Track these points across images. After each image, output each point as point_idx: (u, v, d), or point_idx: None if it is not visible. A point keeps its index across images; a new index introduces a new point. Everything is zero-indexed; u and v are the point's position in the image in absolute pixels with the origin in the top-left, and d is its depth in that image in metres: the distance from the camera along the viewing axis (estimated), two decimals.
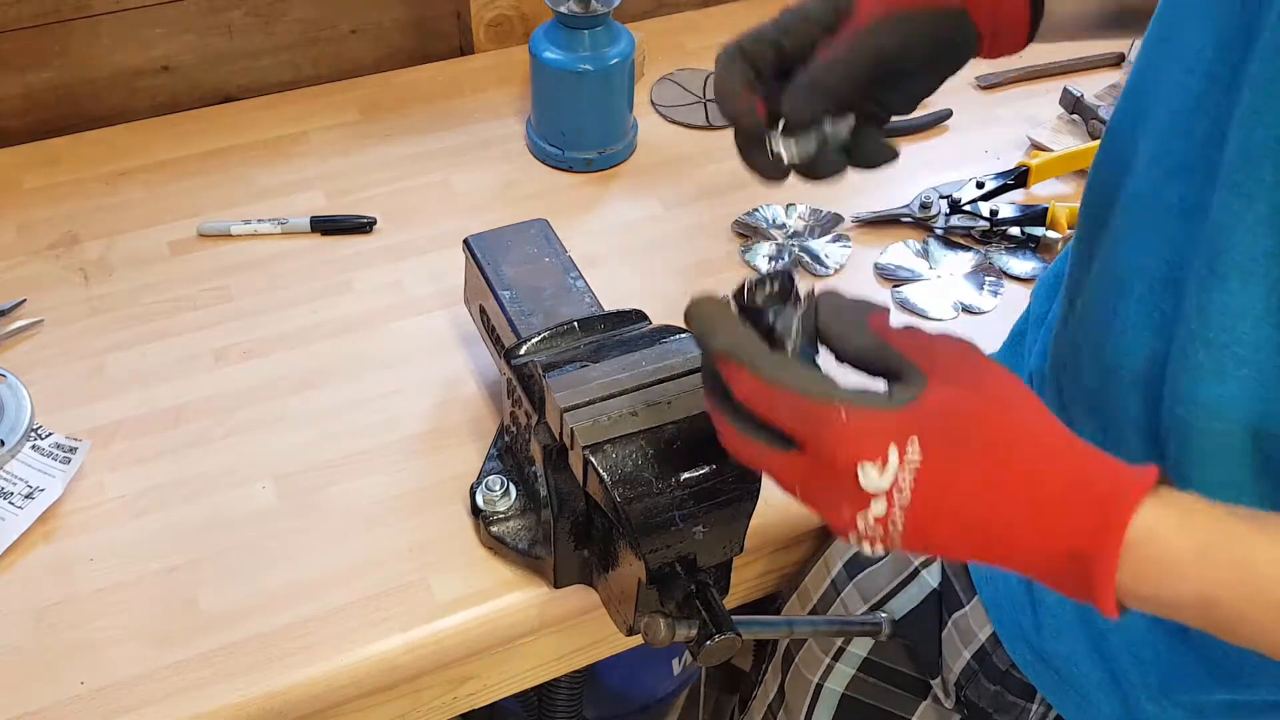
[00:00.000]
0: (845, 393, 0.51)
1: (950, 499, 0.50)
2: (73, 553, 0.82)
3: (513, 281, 0.86)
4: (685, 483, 0.67)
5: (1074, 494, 0.49)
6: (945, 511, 0.50)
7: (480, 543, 0.83)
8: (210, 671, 0.76)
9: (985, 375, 0.52)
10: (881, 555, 0.55)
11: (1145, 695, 0.70)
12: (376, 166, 1.16)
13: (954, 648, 0.82)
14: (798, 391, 0.52)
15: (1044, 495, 0.49)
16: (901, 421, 0.50)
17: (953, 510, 0.50)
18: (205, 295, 1.02)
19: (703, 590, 0.68)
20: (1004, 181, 1.13)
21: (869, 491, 0.50)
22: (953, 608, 0.82)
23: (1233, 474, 0.58)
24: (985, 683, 0.81)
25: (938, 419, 0.50)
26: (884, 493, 0.50)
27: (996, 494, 0.50)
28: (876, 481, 0.50)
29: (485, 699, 0.89)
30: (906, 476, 0.49)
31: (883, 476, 0.50)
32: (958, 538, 0.51)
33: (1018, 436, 0.50)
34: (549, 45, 1.11)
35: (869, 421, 0.50)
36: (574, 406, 0.70)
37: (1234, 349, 0.55)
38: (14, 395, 0.91)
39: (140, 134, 1.19)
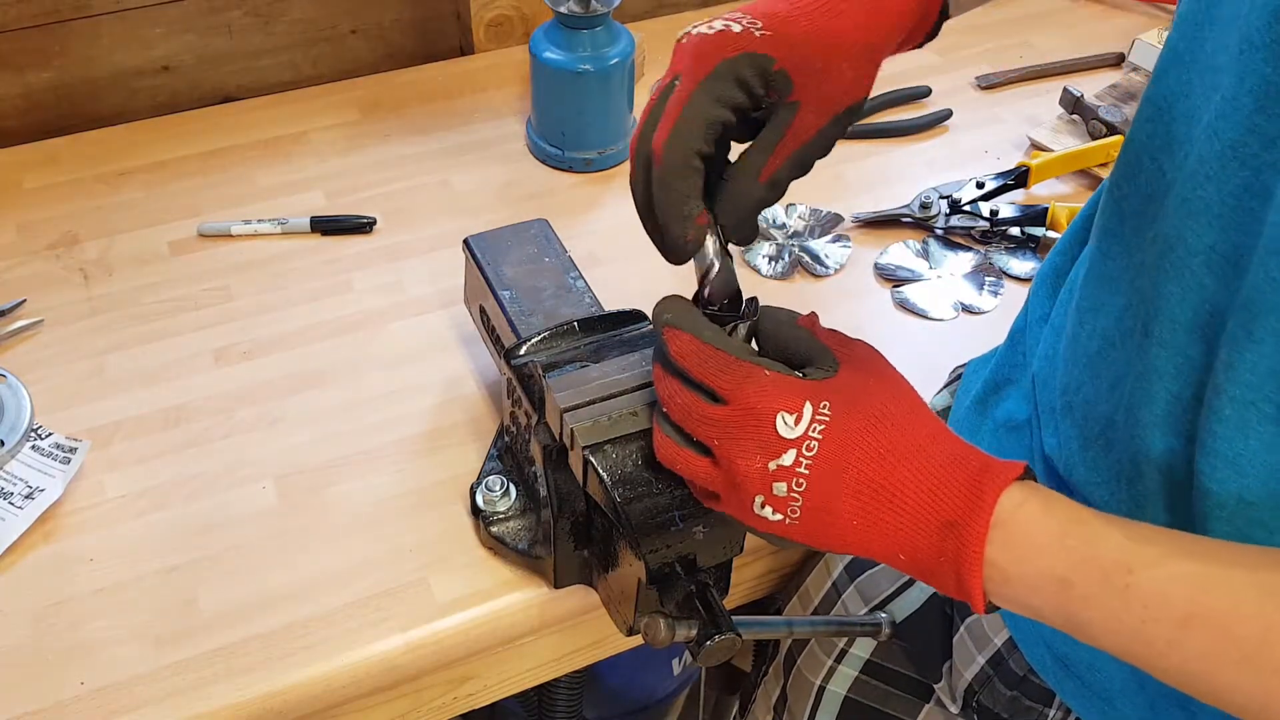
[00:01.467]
0: (769, 363, 0.59)
1: (851, 457, 0.56)
2: (73, 553, 0.82)
3: (513, 281, 0.86)
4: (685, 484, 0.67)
5: (953, 467, 0.55)
6: (846, 469, 0.56)
7: (480, 543, 0.83)
8: (210, 671, 0.76)
9: (887, 370, 0.60)
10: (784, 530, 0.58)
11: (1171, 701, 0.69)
12: (376, 166, 1.16)
13: (966, 653, 0.82)
14: (729, 352, 0.58)
15: (929, 466, 0.55)
16: (816, 387, 0.57)
17: (853, 470, 0.56)
18: (205, 295, 1.02)
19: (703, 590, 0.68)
20: (1004, 181, 1.13)
21: (784, 438, 0.56)
22: (965, 612, 0.82)
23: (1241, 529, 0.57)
24: (1001, 688, 0.80)
25: (846, 392, 0.57)
26: (795, 442, 0.56)
27: (889, 460, 0.56)
28: (791, 430, 0.56)
29: (485, 699, 0.89)
30: (816, 430, 0.56)
31: (797, 426, 0.56)
32: (853, 501, 0.56)
33: (911, 418, 0.57)
34: (549, 45, 1.11)
35: (788, 383, 0.57)
36: (574, 406, 0.70)
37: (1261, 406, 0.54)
38: (14, 395, 0.91)
39: (140, 134, 1.19)
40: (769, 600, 1.02)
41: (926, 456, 0.56)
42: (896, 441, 0.56)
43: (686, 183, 0.59)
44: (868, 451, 0.56)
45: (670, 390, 0.61)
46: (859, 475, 0.56)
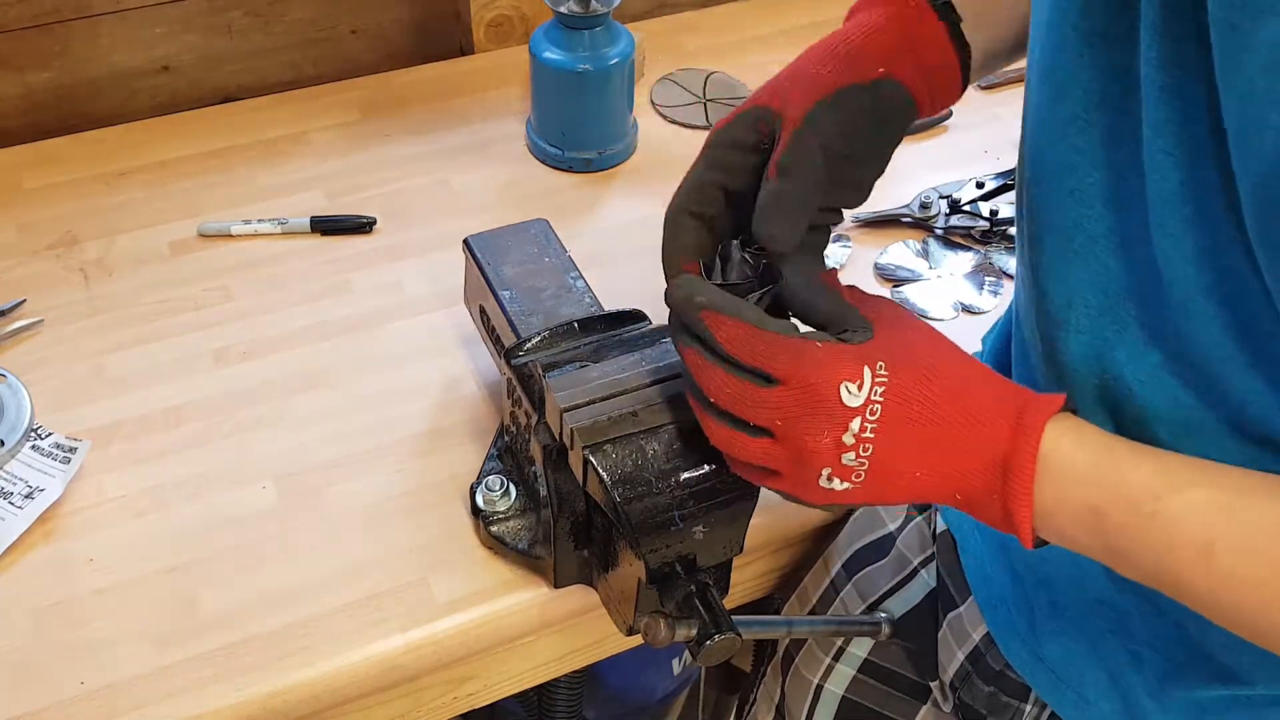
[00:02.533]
0: (816, 333, 0.60)
1: (911, 412, 0.57)
2: (72, 553, 0.82)
3: (513, 281, 0.86)
4: (685, 483, 0.67)
5: (998, 406, 0.57)
6: (909, 425, 0.57)
7: (480, 543, 0.83)
8: (210, 671, 0.76)
9: (916, 322, 0.62)
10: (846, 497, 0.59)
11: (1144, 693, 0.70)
12: (376, 166, 1.16)
13: (949, 648, 0.82)
14: (778, 332, 0.58)
15: (976, 408, 0.57)
16: (868, 350, 0.58)
17: (914, 425, 0.57)
18: (205, 295, 1.02)
19: (703, 590, 0.68)
20: (1004, 181, 1.13)
21: (849, 407, 0.56)
22: (948, 607, 0.83)
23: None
24: (979, 684, 0.81)
25: (893, 348, 0.58)
26: (859, 409, 0.56)
27: (943, 408, 0.57)
28: (855, 397, 0.57)
29: (485, 699, 0.89)
30: (878, 393, 0.57)
31: (860, 392, 0.57)
32: (916, 455, 0.57)
33: (950, 365, 0.59)
34: (549, 45, 1.11)
35: (842, 351, 0.58)
36: (574, 406, 0.70)
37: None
38: (14, 395, 0.91)
39: (140, 134, 1.19)
40: (769, 600, 1.03)
41: (972, 398, 0.57)
42: (946, 388, 0.57)
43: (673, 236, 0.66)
44: (924, 403, 0.57)
45: (717, 381, 0.60)
46: (920, 429, 0.57)
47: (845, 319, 0.61)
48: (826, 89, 0.64)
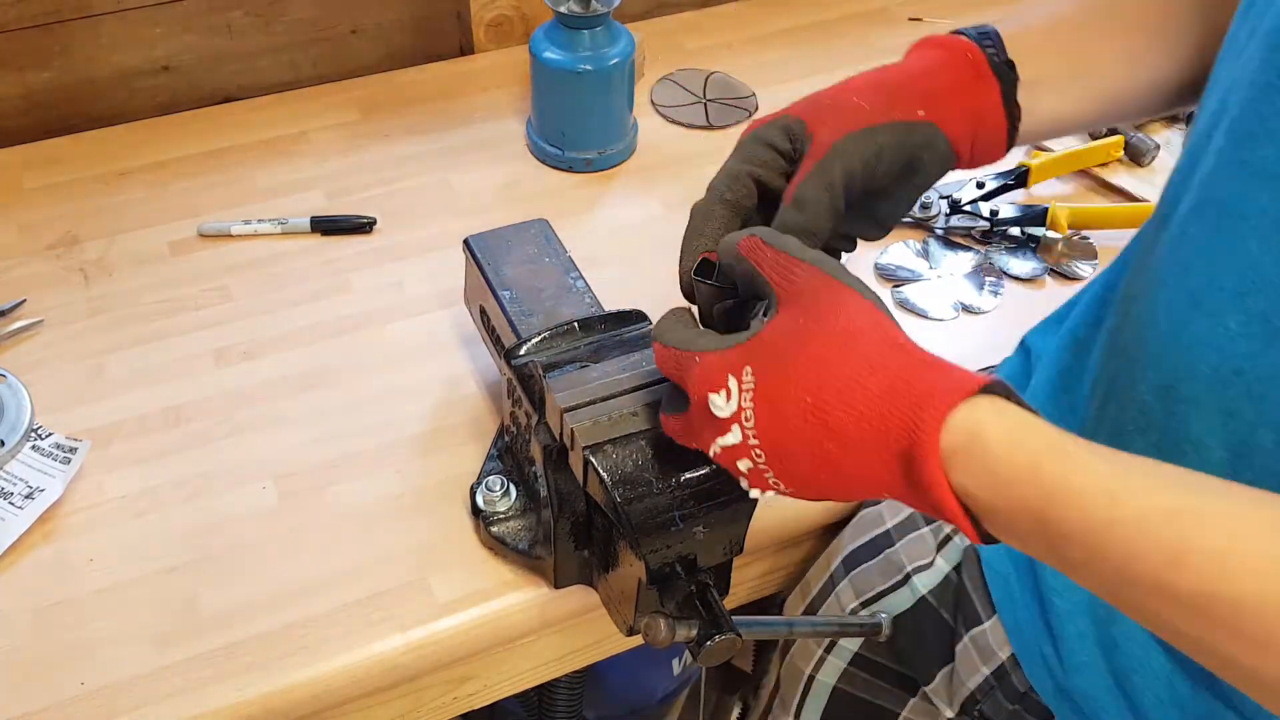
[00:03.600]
0: (708, 342, 0.59)
1: (787, 412, 0.54)
2: (72, 553, 0.82)
3: (513, 281, 0.86)
4: (685, 483, 0.67)
5: (891, 397, 0.51)
6: (788, 426, 0.54)
7: (480, 543, 0.83)
8: (210, 671, 0.76)
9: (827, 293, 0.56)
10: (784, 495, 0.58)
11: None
12: (376, 166, 1.16)
13: (970, 663, 0.81)
14: (675, 347, 0.60)
15: (866, 400, 0.52)
16: (739, 355, 0.56)
17: (794, 424, 0.54)
18: (205, 295, 1.02)
19: (703, 590, 0.68)
20: (1004, 181, 1.13)
21: (720, 418, 0.56)
22: (970, 623, 0.81)
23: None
24: (1003, 700, 0.80)
25: (769, 346, 0.55)
26: (734, 418, 0.55)
27: (822, 407, 0.53)
28: (724, 407, 0.56)
29: (485, 699, 0.89)
30: (747, 399, 0.55)
31: (729, 403, 0.56)
32: (809, 453, 0.54)
33: (844, 349, 0.53)
34: (549, 45, 1.11)
35: (714, 359, 0.57)
36: (574, 406, 0.70)
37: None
38: (14, 395, 0.91)
39: (140, 134, 1.19)
40: (769, 600, 1.03)
41: (863, 390, 0.52)
42: (826, 383, 0.53)
43: (702, 222, 0.66)
44: (800, 403, 0.53)
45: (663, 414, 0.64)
46: (804, 429, 0.53)
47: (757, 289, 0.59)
48: (860, 122, 0.64)
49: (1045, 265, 1.08)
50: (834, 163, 0.63)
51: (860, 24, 1.38)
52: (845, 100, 0.65)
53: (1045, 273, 1.07)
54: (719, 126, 1.22)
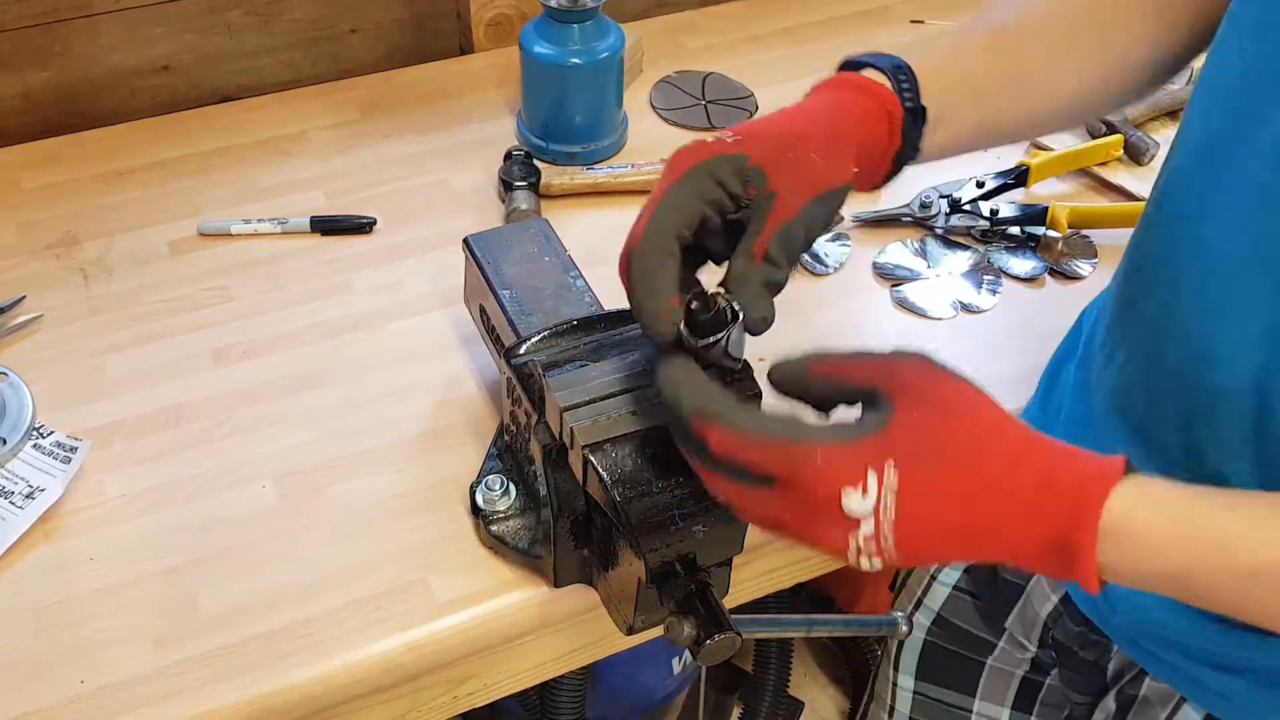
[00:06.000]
0: (817, 431, 0.56)
1: (933, 511, 0.55)
2: (73, 552, 0.82)
3: (513, 281, 0.86)
4: (685, 482, 0.67)
5: (1047, 490, 0.54)
6: (930, 523, 0.55)
7: (480, 542, 0.83)
8: (210, 671, 0.76)
9: (946, 389, 0.57)
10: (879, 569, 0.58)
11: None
12: (376, 166, 1.16)
13: (1042, 593, 0.85)
14: (772, 437, 0.56)
15: (1020, 496, 0.54)
16: (875, 448, 0.55)
17: (937, 521, 0.55)
18: (205, 295, 1.02)
19: (703, 590, 0.68)
20: (1004, 181, 1.13)
21: (855, 516, 0.55)
22: None
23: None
24: (1069, 624, 0.84)
25: (908, 441, 0.55)
26: (869, 513, 0.54)
27: (975, 502, 0.55)
28: (860, 505, 0.54)
29: (485, 699, 0.89)
30: (889, 496, 0.54)
31: (865, 500, 0.54)
32: (946, 545, 0.56)
33: (986, 444, 0.56)
34: (538, 39, 1.12)
35: (844, 453, 0.55)
36: (574, 406, 0.70)
37: None
38: (16, 394, 0.91)
39: (140, 133, 1.19)
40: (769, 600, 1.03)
41: (1015, 483, 0.55)
42: (978, 481, 0.55)
43: (657, 263, 0.62)
44: (948, 501, 0.55)
45: (717, 485, 0.60)
46: (946, 525, 0.55)
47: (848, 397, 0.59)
48: (818, 185, 0.64)
49: (1045, 264, 1.08)
50: (800, 228, 0.63)
51: (860, 24, 1.38)
52: (803, 156, 0.64)
53: (1045, 272, 1.07)
54: (721, 127, 1.22)
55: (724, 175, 0.63)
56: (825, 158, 0.65)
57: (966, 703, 0.95)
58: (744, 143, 0.63)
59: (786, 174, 0.63)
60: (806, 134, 0.65)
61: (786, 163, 0.63)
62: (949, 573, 0.94)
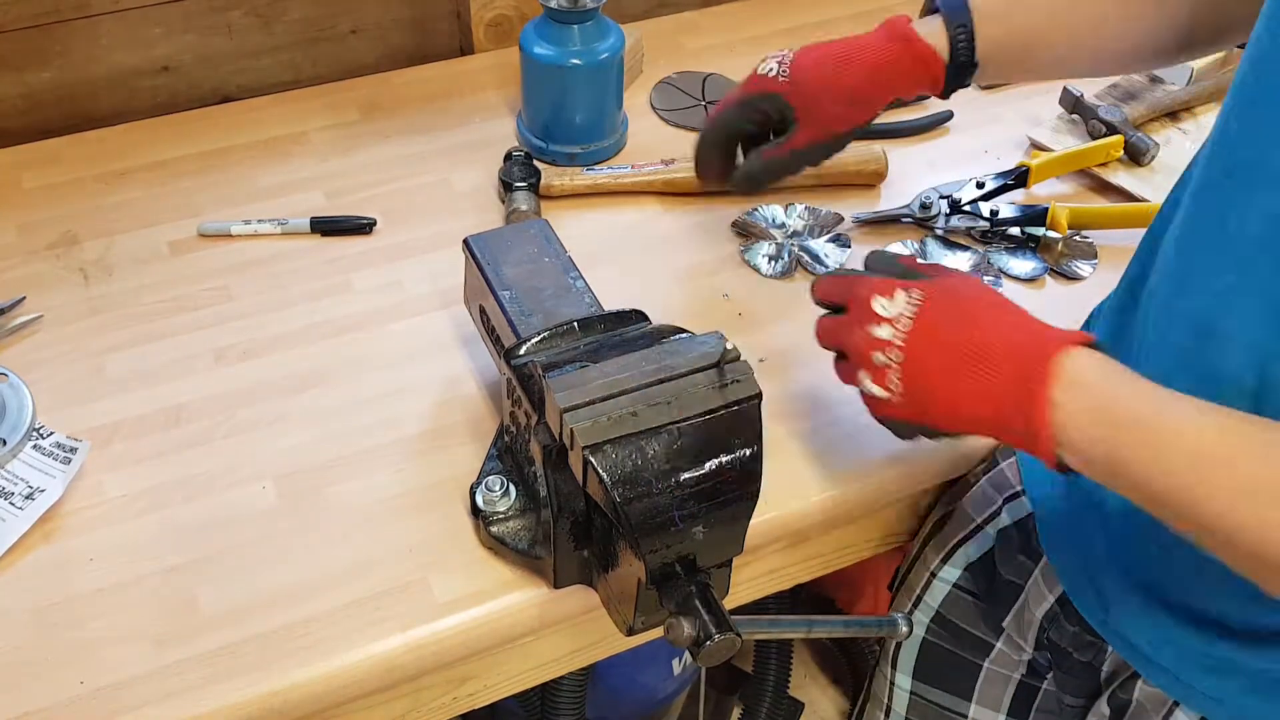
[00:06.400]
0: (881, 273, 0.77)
1: (940, 333, 0.70)
2: (73, 553, 0.82)
3: (512, 281, 0.86)
4: (685, 483, 0.67)
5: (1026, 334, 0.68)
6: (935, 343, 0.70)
7: (480, 543, 0.83)
8: (210, 671, 0.76)
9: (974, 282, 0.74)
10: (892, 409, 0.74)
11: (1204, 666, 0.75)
12: (376, 166, 1.16)
13: (1039, 593, 0.87)
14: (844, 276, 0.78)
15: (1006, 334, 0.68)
16: (909, 281, 0.74)
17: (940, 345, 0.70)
18: (205, 295, 1.02)
19: (703, 590, 0.68)
20: (1004, 181, 1.13)
21: (880, 315, 0.72)
22: (1037, 557, 0.88)
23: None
24: (1065, 624, 0.85)
25: (938, 285, 0.73)
26: (890, 319, 0.72)
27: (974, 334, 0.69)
28: (887, 309, 0.72)
29: (485, 699, 0.89)
30: (909, 310, 0.71)
31: (891, 306, 0.72)
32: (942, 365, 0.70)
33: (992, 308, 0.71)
34: (538, 40, 1.12)
35: (883, 280, 0.75)
36: (574, 407, 0.70)
37: None
38: (16, 394, 0.91)
39: (140, 134, 1.19)
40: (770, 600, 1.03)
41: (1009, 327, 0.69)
42: (979, 321, 0.69)
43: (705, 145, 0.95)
44: (954, 329, 0.69)
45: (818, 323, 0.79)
46: (946, 348, 0.69)
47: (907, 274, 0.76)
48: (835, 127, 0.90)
49: (1045, 265, 1.08)
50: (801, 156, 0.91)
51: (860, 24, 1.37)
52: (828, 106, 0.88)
53: (1045, 272, 1.07)
54: None
55: (765, 106, 0.90)
56: (847, 108, 0.88)
57: (962, 707, 0.96)
58: (789, 84, 0.89)
59: (809, 116, 0.89)
60: (837, 85, 0.87)
61: (811, 107, 0.89)
62: (949, 570, 0.94)
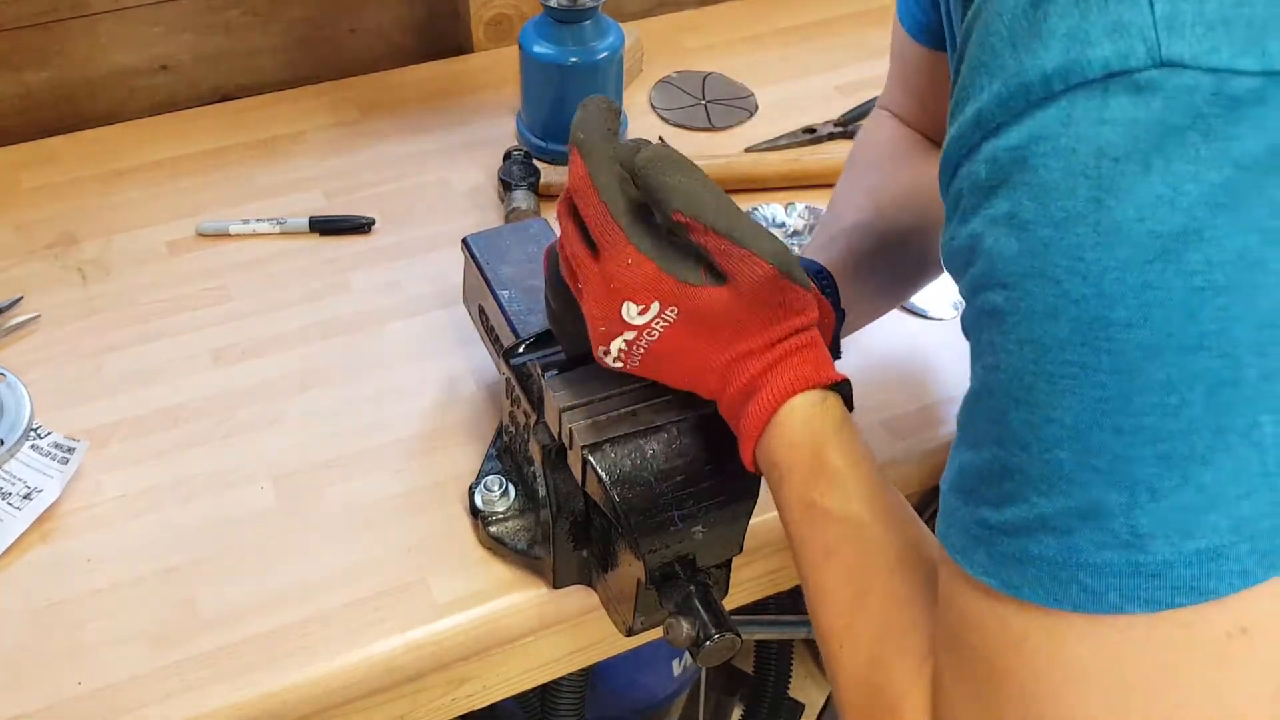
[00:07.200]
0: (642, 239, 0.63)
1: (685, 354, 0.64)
2: (71, 553, 0.82)
3: (512, 281, 0.86)
4: (685, 483, 0.67)
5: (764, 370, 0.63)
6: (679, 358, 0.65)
7: (479, 543, 0.83)
8: (209, 672, 0.76)
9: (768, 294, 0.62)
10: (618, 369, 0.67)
11: None
12: (375, 166, 1.16)
13: None
14: (612, 214, 0.63)
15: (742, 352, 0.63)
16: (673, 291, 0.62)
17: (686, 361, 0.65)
18: (204, 295, 1.02)
19: (703, 590, 0.68)
20: None
21: (627, 322, 0.63)
22: None
23: None
24: None
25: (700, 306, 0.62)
26: (637, 328, 0.63)
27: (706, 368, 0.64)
28: (635, 318, 0.63)
29: (485, 699, 0.89)
30: (658, 325, 0.63)
31: (641, 317, 0.63)
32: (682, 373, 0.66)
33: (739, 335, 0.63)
34: (538, 39, 1.11)
35: (646, 275, 0.62)
36: (573, 406, 0.69)
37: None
38: (13, 394, 0.90)
39: (138, 133, 1.18)
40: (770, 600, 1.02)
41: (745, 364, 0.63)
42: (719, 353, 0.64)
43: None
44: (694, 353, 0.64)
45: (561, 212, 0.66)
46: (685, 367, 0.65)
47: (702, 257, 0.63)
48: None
49: None
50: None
51: (860, 24, 1.38)
52: None
53: None
54: (721, 128, 1.22)
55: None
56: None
57: None
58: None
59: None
60: None
61: None
62: None
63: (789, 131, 1.20)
